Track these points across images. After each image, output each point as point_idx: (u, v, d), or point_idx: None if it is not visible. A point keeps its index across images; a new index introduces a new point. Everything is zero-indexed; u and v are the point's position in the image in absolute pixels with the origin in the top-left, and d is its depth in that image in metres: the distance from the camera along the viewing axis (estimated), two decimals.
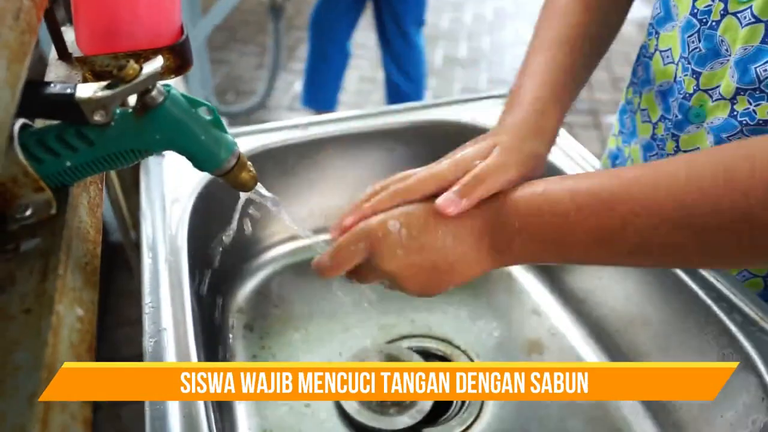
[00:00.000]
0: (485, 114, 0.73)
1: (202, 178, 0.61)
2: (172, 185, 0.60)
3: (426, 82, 2.19)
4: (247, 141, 0.67)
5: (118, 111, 0.34)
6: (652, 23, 0.57)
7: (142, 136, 0.34)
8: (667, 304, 0.53)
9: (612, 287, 0.61)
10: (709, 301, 0.48)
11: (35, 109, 0.32)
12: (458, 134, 0.73)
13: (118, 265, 1.47)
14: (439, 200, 0.41)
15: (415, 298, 0.69)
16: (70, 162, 0.33)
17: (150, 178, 0.61)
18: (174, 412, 0.39)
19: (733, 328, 0.45)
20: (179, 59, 0.50)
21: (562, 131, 0.72)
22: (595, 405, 0.58)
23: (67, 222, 0.32)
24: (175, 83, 1.89)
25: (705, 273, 0.50)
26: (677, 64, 0.54)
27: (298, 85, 2.56)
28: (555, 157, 0.68)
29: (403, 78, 2.10)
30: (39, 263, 0.30)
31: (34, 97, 0.32)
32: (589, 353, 0.62)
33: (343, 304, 0.69)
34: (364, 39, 2.73)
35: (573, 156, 0.67)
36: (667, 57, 0.55)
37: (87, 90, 0.32)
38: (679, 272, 0.51)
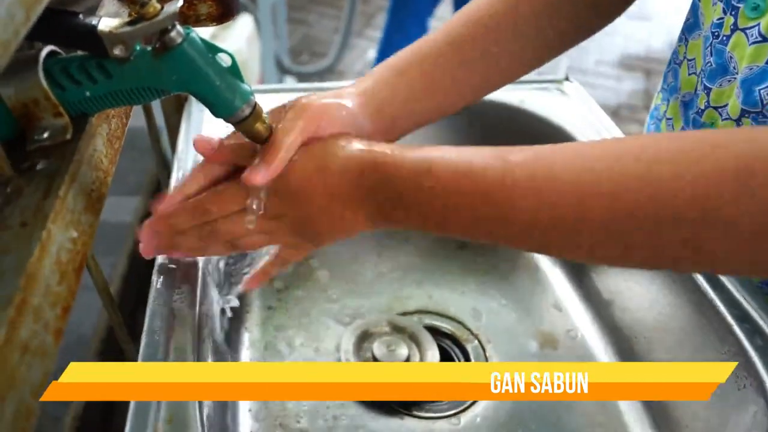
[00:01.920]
0: (534, 98, 0.71)
1: None
2: (210, 132, 0.61)
3: None
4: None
5: (138, 48, 0.35)
6: (683, 29, 0.53)
7: (158, 75, 0.35)
8: (689, 316, 0.50)
9: (638, 291, 0.58)
10: (730, 319, 0.45)
11: (61, 37, 0.34)
12: (503, 115, 0.71)
13: None
14: (246, 174, 0.39)
15: (436, 274, 0.69)
16: (90, 92, 0.35)
17: (190, 123, 0.63)
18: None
19: (751, 351, 0.42)
20: (222, 7, 0.50)
21: (599, 112, 0.69)
22: (597, 403, 0.56)
23: (80, 148, 0.34)
24: (249, 37, 1.90)
25: (732, 289, 0.47)
26: (699, 76, 0.50)
27: (372, 53, 2.55)
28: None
29: None
30: (44, 183, 0.31)
31: (62, 25, 0.33)
32: (603, 355, 0.60)
33: (366, 269, 0.70)
34: (448, 14, 2.68)
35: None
36: (692, 67, 0.51)
37: (109, 24, 0.33)
38: (705, 285, 0.48)
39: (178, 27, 0.34)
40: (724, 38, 0.45)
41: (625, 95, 2.46)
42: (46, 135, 0.34)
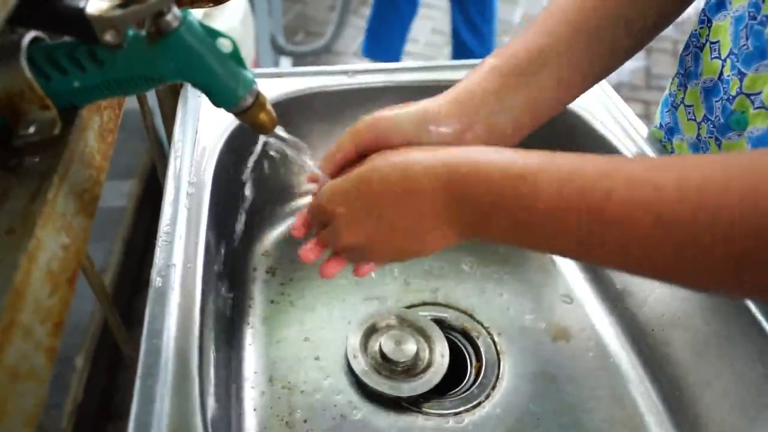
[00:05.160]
0: None
1: None
2: (207, 119, 0.59)
3: (496, 41, 2.08)
4: (292, 83, 0.65)
5: (131, 33, 0.32)
6: (704, 9, 0.50)
7: (153, 63, 0.32)
8: (714, 310, 0.48)
9: (656, 283, 0.56)
10: (760, 317, 0.43)
11: (45, 21, 0.31)
12: None
13: None
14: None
15: (444, 266, 0.67)
16: (79, 82, 0.32)
17: (187, 110, 0.59)
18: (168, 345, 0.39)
19: None
20: None
21: (611, 93, 0.66)
22: (614, 400, 0.54)
23: (70, 144, 0.31)
24: (243, 15, 1.83)
25: None
26: (725, 61, 0.47)
27: None
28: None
29: (471, 35, 1.99)
30: (33, 184, 0.29)
31: (45, 8, 0.30)
32: (618, 349, 0.58)
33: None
34: None
35: (621, 122, 0.61)
36: (714, 51, 0.48)
37: (99, 6, 0.30)
38: None
39: (175, 10, 0.31)
40: (764, 19, 0.42)
41: (625, 74, 2.43)
42: (32, 130, 0.31)
